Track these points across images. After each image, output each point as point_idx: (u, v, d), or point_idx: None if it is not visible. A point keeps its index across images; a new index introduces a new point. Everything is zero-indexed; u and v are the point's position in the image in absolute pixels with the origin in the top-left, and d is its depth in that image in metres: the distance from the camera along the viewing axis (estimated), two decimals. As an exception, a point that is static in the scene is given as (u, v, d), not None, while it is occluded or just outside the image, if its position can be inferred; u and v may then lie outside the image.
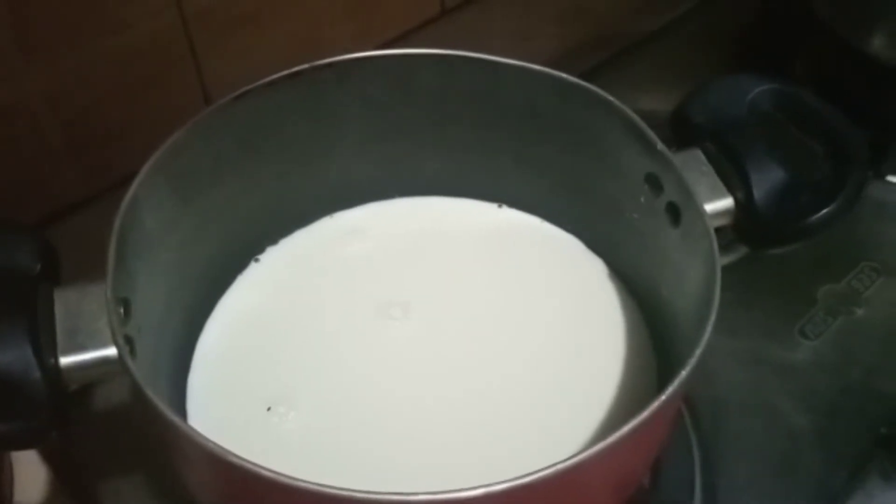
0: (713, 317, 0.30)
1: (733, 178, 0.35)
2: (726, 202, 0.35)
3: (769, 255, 0.37)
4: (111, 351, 0.30)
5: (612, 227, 0.40)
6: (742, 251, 0.39)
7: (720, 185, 0.35)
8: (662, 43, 0.61)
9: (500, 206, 0.43)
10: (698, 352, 0.29)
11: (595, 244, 0.42)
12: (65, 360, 0.29)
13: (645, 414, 0.28)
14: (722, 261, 0.31)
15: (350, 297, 0.40)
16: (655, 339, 0.38)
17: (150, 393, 0.28)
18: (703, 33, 0.61)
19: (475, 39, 0.39)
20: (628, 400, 0.36)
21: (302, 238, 0.42)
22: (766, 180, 0.34)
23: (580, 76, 0.37)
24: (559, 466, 0.26)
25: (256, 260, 0.41)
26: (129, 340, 0.31)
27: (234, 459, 0.26)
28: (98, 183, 0.43)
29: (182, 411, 0.36)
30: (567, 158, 0.40)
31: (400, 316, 0.39)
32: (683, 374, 0.28)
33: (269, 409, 0.36)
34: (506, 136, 0.41)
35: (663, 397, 0.28)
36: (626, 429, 0.27)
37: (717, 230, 0.33)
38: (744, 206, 0.35)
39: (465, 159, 0.42)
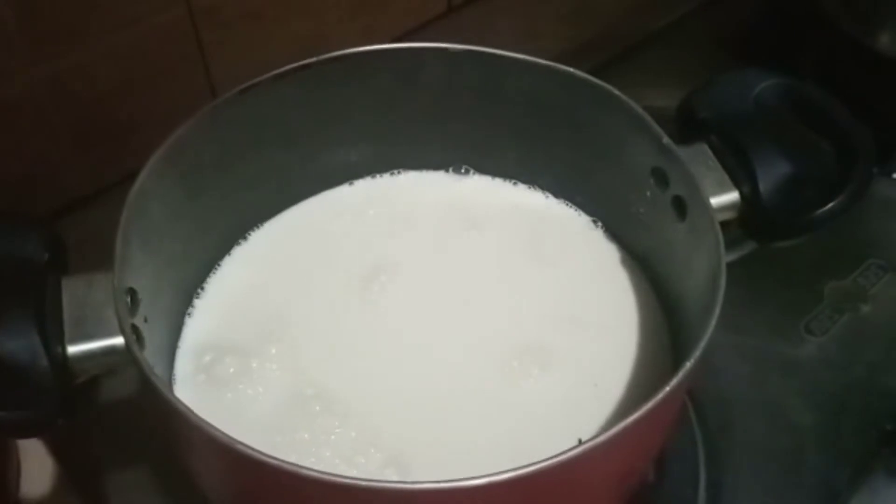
0: (718, 309, 0.30)
1: (739, 172, 0.35)
2: (732, 196, 0.35)
3: (775, 249, 0.37)
4: (118, 340, 0.30)
5: (618, 222, 0.40)
6: (748, 248, 0.39)
7: (726, 179, 0.35)
8: (666, 41, 0.61)
9: (515, 183, 0.42)
10: (702, 343, 0.29)
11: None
12: (72, 349, 0.30)
13: (649, 405, 0.28)
14: (728, 257, 0.31)
15: (344, 268, 0.39)
16: (671, 329, 0.38)
17: (157, 382, 0.28)
18: (707, 31, 0.61)
19: (480, 37, 0.39)
20: (645, 391, 0.35)
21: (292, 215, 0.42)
22: (772, 174, 0.34)
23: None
24: (563, 457, 0.26)
25: (243, 240, 0.40)
26: (135, 330, 0.31)
27: (243, 449, 0.26)
28: (105, 177, 0.43)
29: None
30: (572, 153, 0.40)
31: (406, 294, 0.38)
32: (688, 365, 0.28)
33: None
34: (511, 131, 0.41)
35: (668, 388, 0.28)
36: (629, 420, 0.27)
37: (724, 224, 0.33)
38: (749, 200, 0.35)
39: (470, 154, 0.42)
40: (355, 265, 0.40)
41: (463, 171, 0.43)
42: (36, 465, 0.39)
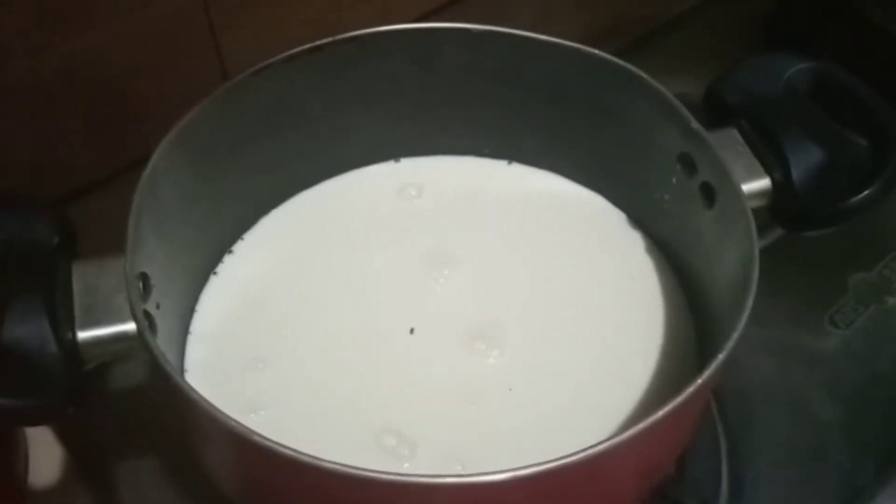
0: (751, 300, 0.29)
1: (770, 158, 0.34)
2: (763, 182, 0.34)
3: (798, 239, 0.36)
4: (130, 326, 0.29)
5: (641, 209, 0.39)
6: (769, 238, 0.38)
7: (757, 165, 0.34)
8: (686, 27, 0.60)
9: (535, 168, 0.42)
10: (735, 335, 0.28)
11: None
12: (82, 335, 0.29)
13: (677, 401, 0.27)
14: (753, 245, 0.31)
15: (358, 254, 0.39)
16: (697, 320, 0.37)
17: (170, 370, 0.27)
18: (726, 17, 0.60)
19: (496, 21, 0.38)
20: (668, 384, 0.35)
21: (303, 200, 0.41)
22: (804, 161, 0.34)
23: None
24: (588, 452, 0.26)
25: (257, 224, 0.40)
26: (148, 316, 0.30)
27: (257, 439, 0.25)
28: (117, 161, 0.43)
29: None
30: (595, 139, 0.39)
31: (420, 281, 0.38)
32: (719, 358, 0.28)
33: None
34: (532, 116, 0.40)
35: (698, 382, 0.27)
36: (657, 415, 0.26)
37: (752, 212, 0.32)
38: (781, 187, 0.34)
39: (489, 139, 0.42)
40: (369, 250, 0.39)
41: (482, 156, 0.42)
42: (44, 453, 0.39)
